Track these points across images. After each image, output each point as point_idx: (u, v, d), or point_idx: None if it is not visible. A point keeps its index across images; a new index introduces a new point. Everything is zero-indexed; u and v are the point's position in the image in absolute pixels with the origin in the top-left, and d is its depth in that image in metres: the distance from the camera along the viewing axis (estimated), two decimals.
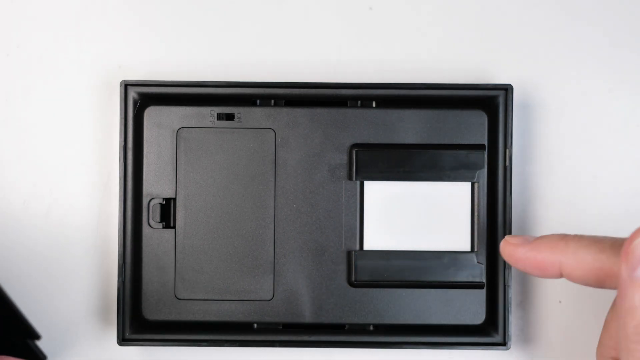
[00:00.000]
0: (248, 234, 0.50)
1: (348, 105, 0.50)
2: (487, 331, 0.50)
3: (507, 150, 0.49)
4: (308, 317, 0.50)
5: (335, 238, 0.50)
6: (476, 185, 0.50)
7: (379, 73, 0.51)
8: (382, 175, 0.49)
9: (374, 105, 0.50)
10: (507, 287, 0.49)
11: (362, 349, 0.51)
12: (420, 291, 0.50)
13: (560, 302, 0.51)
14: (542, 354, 0.51)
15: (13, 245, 0.51)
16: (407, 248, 0.49)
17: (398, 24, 0.51)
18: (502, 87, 0.49)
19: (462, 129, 0.50)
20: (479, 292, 0.50)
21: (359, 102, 0.50)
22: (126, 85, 0.49)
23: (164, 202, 0.50)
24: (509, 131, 0.49)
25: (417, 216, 0.50)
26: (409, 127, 0.50)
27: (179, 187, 0.50)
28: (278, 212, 0.50)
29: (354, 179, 0.50)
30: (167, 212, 0.50)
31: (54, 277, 0.51)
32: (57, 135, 0.51)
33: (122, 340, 0.49)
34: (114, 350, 0.51)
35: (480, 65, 0.51)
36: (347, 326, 0.50)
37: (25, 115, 0.51)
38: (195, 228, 0.50)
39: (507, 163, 0.49)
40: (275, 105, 0.50)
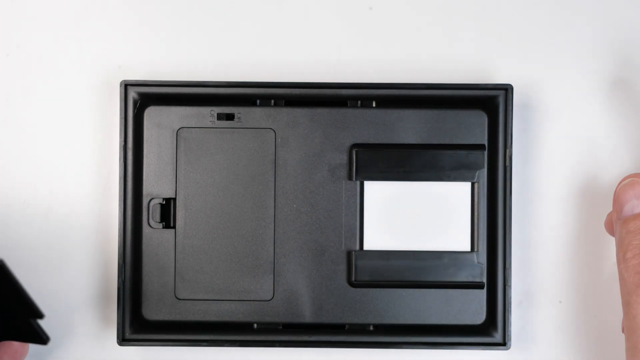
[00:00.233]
0: (248, 234, 0.50)
1: (348, 105, 0.50)
2: (487, 331, 0.50)
3: (507, 150, 0.49)
4: (308, 317, 0.50)
5: (335, 238, 0.50)
6: (476, 185, 0.50)
7: (379, 73, 0.51)
8: (382, 175, 0.49)
9: (374, 105, 0.50)
10: (507, 287, 0.49)
11: (362, 349, 0.51)
12: (420, 291, 0.50)
13: (560, 302, 0.51)
14: (542, 354, 0.51)
15: (13, 245, 0.51)
16: (407, 248, 0.49)
17: (398, 24, 0.51)
18: (502, 87, 0.49)
19: (462, 129, 0.50)
20: (479, 292, 0.50)
21: (359, 102, 0.50)
22: (126, 85, 0.49)
23: (164, 202, 0.50)
24: (509, 131, 0.49)
25: (417, 216, 0.50)
26: (409, 127, 0.50)
27: (179, 187, 0.50)
28: (278, 212, 0.50)
29: (354, 179, 0.50)
30: (167, 212, 0.50)
31: (54, 277, 0.51)
32: (57, 135, 0.51)
33: (122, 340, 0.49)
34: (114, 350, 0.51)
35: (480, 65, 0.51)
36: (347, 326, 0.50)
37: (25, 115, 0.51)
38: (195, 228, 0.50)
39: (507, 163, 0.49)
40: (275, 105, 0.50)
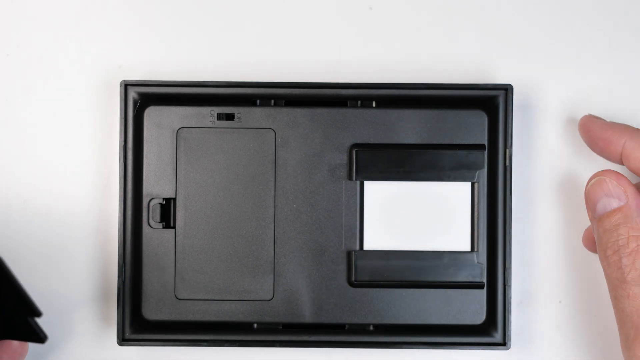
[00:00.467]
0: (248, 234, 0.50)
1: (348, 105, 0.50)
2: (487, 331, 0.50)
3: (507, 150, 0.49)
4: (308, 317, 0.50)
5: (335, 238, 0.50)
6: (476, 185, 0.50)
7: (379, 73, 0.51)
8: (382, 175, 0.49)
9: (374, 105, 0.50)
10: (507, 287, 0.49)
11: (362, 349, 0.51)
12: (420, 291, 0.50)
13: (560, 302, 0.51)
14: (542, 354, 0.51)
15: (13, 245, 0.51)
16: (407, 248, 0.50)
17: (398, 24, 0.51)
18: (502, 87, 0.49)
19: (462, 129, 0.50)
20: (479, 292, 0.50)
21: (359, 102, 0.50)
22: (126, 85, 0.49)
23: (164, 202, 0.50)
24: (509, 131, 0.49)
25: (417, 216, 0.50)
26: (409, 127, 0.50)
27: (179, 187, 0.50)
28: (278, 212, 0.50)
29: (354, 179, 0.50)
30: (167, 212, 0.50)
31: (54, 277, 0.51)
32: (57, 135, 0.51)
33: (122, 340, 0.49)
34: (114, 350, 0.51)
35: (480, 65, 0.51)
36: (347, 326, 0.50)
37: (25, 115, 0.51)
38: (195, 228, 0.50)
39: (507, 163, 0.49)
40: (275, 105, 0.50)
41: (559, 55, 0.51)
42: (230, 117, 0.50)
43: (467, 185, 0.50)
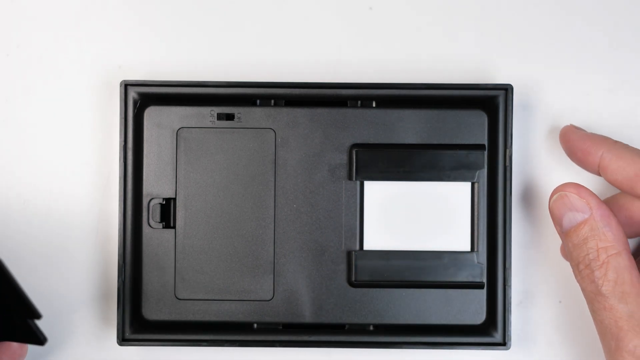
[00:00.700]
0: (248, 234, 0.50)
1: (348, 105, 0.50)
2: (487, 331, 0.50)
3: (507, 150, 0.49)
4: (308, 317, 0.50)
5: (335, 238, 0.50)
6: (476, 185, 0.50)
7: (379, 73, 0.51)
8: (382, 175, 0.49)
9: (374, 105, 0.50)
10: (507, 287, 0.49)
11: (362, 349, 0.51)
12: (420, 291, 0.50)
13: (560, 302, 0.51)
14: (542, 354, 0.51)
15: (13, 245, 0.51)
16: (407, 248, 0.50)
17: (398, 24, 0.51)
18: (502, 87, 0.49)
19: (462, 129, 0.50)
20: (479, 292, 0.50)
21: (359, 102, 0.50)
22: (126, 85, 0.49)
23: (164, 202, 0.50)
24: (509, 131, 0.49)
25: (417, 216, 0.50)
26: (409, 127, 0.50)
27: (179, 187, 0.50)
28: (278, 212, 0.50)
29: (354, 179, 0.50)
30: (167, 212, 0.50)
31: (54, 277, 0.51)
32: (57, 135, 0.51)
33: (122, 340, 0.49)
34: (114, 350, 0.51)
35: (480, 65, 0.51)
36: (347, 326, 0.50)
37: (25, 115, 0.51)
38: (195, 228, 0.50)
39: (507, 163, 0.49)
40: (275, 105, 0.50)
41: (559, 55, 0.51)
42: (230, 117, 0.50)
43: (467, 185, 0.50)
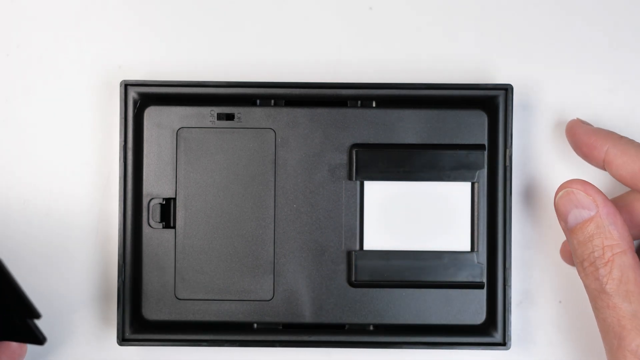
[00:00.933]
0: (248, 234, 0.50)
1: (348, 105, 0.50)
2: (487, 331, 0.50)
3: (507, 150, 0.49)
4: (308, 317, 0.50)
5: (335, 238, 0.50)
6: (476, 185, 0.50)
7: (379, 73, 0.51)
8: (382, 175, 0.49)
9: (374, 105, 0.50)
10: (507, 287, 0.49)
11: (362, 349, 0.51)
12: (420, 291, 0.50)
13: (560, 302, 0.51)
14: (542, 354, 0.51)
15: (13, 245, 0.51)
16: (407, 248, 0.49)
17: (398, 24, 0.51)
18: (502, 87, 0.49)
19: (462, 129, 0.50)
20: (479, 292, 0.50)
21: (359, 102, 0.50)
22: (126, 85, 0.49)
23: (164, 202, 0.50)
24: (509, 131, 0.49)
25: (417, 216, 0.50)
26: (409, 127, 0.50)
27: (179, 187, 0.50)
28: (278, 212, 0.50)
29: (354, 179, 0.50)
30: (167, 212, 0.50)
31: (54, 277, 0.51)
32: (57, 135, 0.51)
33: (122, 340, 0.49)
34: (114, 350, 0.51)
35: (480, 65, 0.51)
36: (347, 326, 0.50)
37: (25, 115, 0.51)
38: (195, 228, 0.50)
39: (507, 163, 0.49)
40: (275, 105, 0.50)
41: (559, 55, 0.51)
42: (230, 117, 0.50)
43: (467, 185, 0.50)
